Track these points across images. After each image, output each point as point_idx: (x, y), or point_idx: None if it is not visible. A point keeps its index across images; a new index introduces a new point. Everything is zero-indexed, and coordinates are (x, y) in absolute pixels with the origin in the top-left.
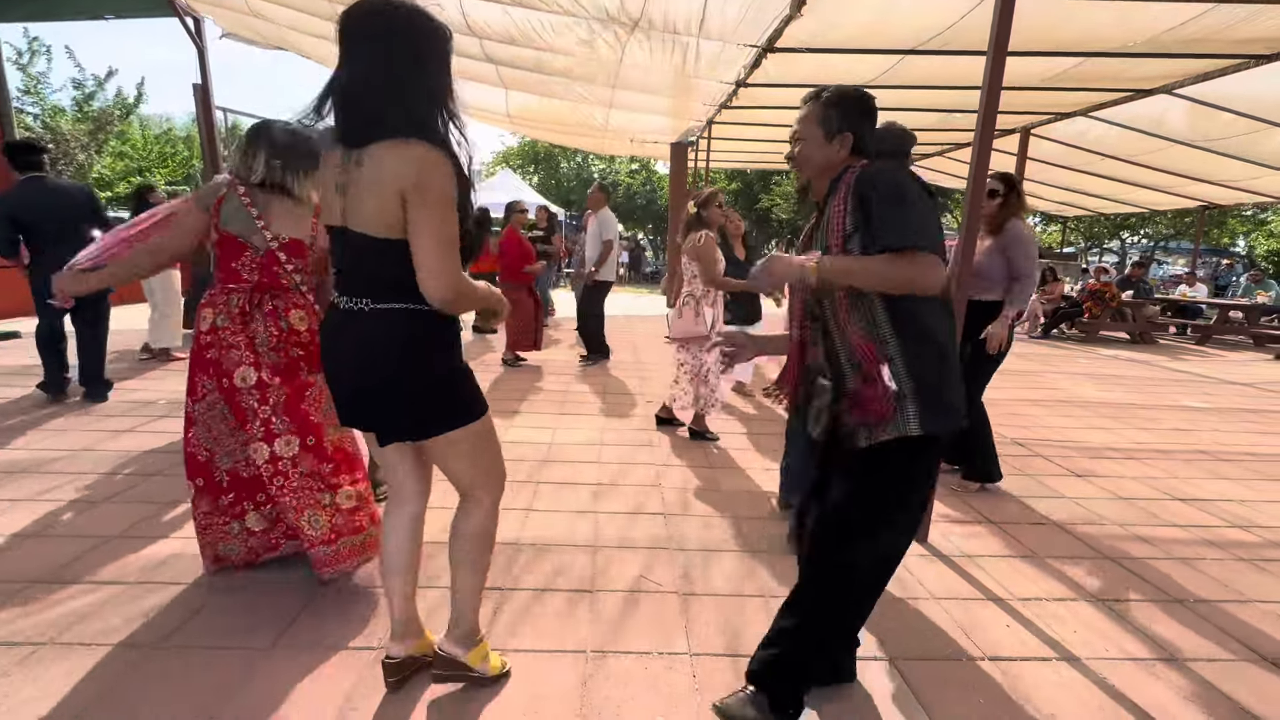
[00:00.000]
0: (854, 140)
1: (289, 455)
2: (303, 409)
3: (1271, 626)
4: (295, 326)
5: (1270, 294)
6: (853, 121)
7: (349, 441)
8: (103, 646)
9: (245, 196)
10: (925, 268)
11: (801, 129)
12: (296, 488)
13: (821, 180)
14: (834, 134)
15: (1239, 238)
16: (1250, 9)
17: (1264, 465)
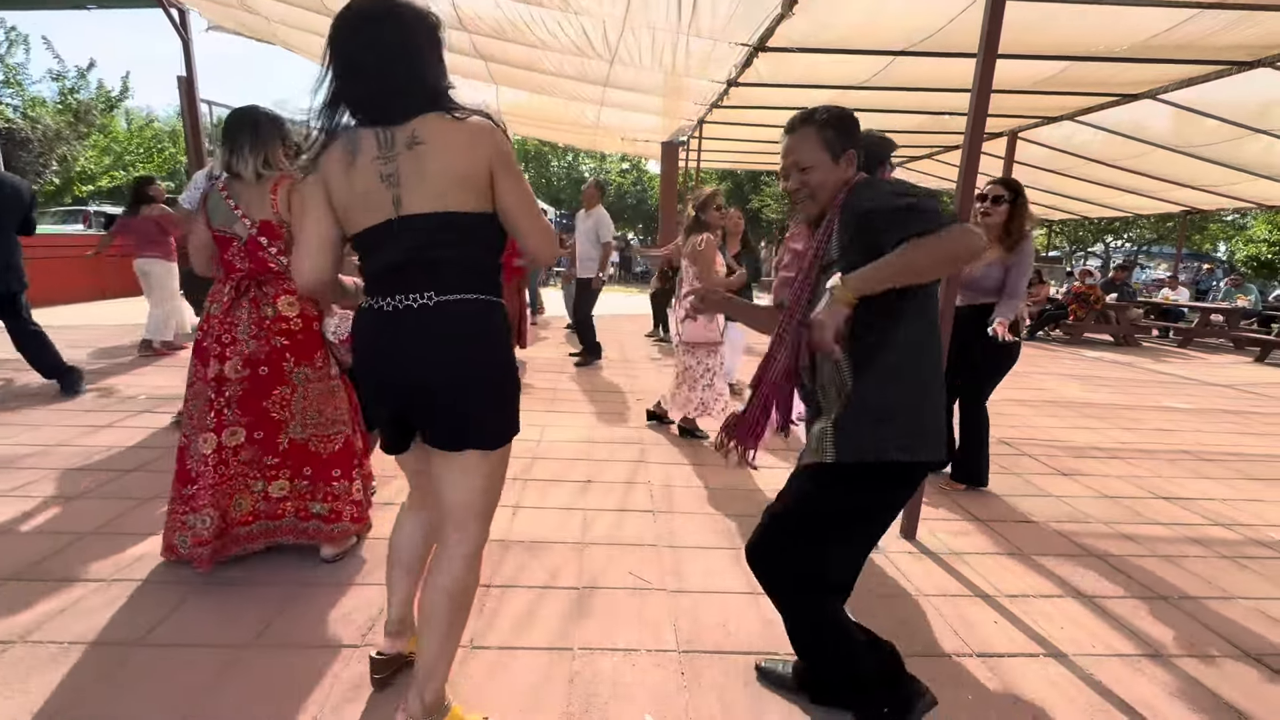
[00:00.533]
0: (857, 156)
1: (232, 445)
2: (262, 405)
3: (1253, 623)
4: (283, 312)
5: (1250, 298)
6: (852, 138)
7: (320, 442)
8: (77, 645)
9: (224, 189)
10: (966, 234)
11: (804, 157)
12: (232, 475)
13: (831, 203)
14: (839, 154)
15: (1220, 243)
16: (1232, 16)
17: (1245, 465)
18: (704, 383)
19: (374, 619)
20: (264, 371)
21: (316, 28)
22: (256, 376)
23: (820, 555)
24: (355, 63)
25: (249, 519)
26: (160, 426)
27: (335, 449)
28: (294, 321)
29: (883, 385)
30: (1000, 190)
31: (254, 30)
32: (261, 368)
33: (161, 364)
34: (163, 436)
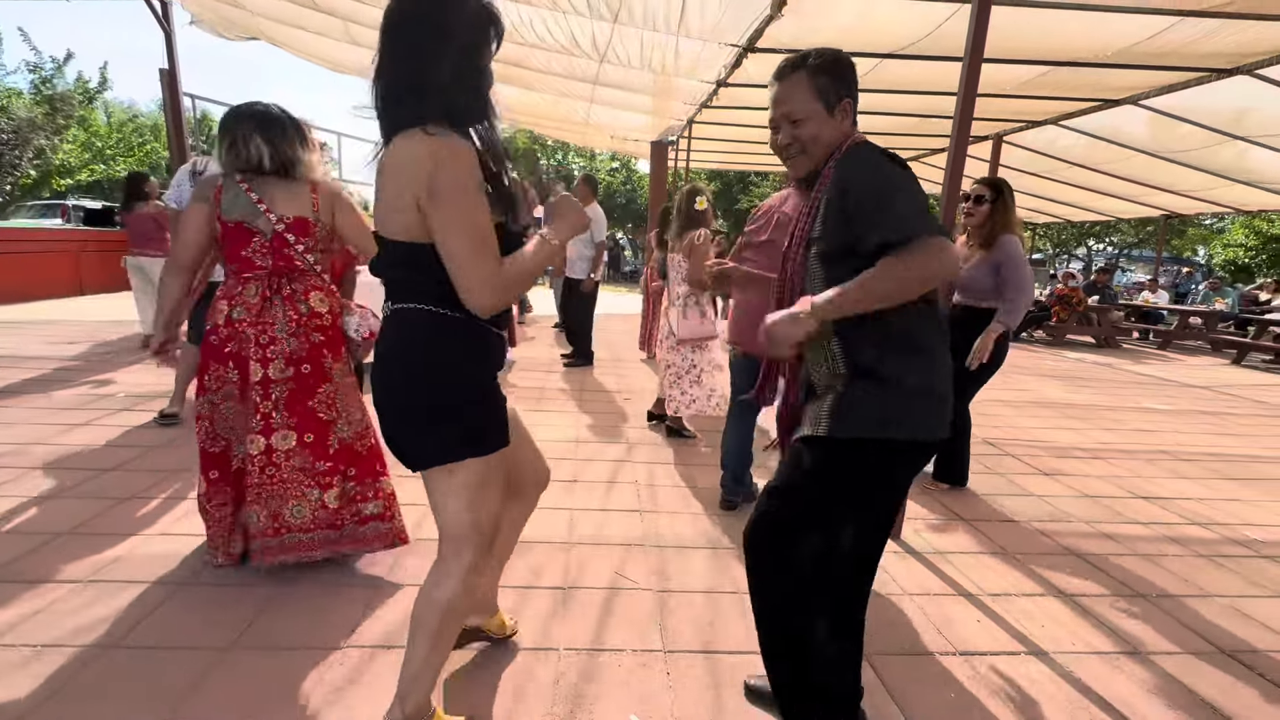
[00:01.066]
0: (852, 106)
1: (283, 449)
2: (309, 405)
3: (1229, 620)
4: (316, 309)
5: (1227, 301)
6: (849, 85)
7: (360, 440)
8: (52, 648)
9: (244, 183)
10: (937, 253)
11: (795, 108)
12: (285, 479)
13: (826, 162)
14: (834, 105)
15: (1199, 247)
16: (1213, 24)
17: (1221, 465)
18: (690, 378)
19: (358, 620)
20: (307, 370)
21: (299, 21)
22: (301, 375)
23: (824, 542)
24: (376, 74)
25: (310, 526)
26: (139, 425)
27: (372, 444)
28: (325, 317)
29: (882, 354)
30: (983, 190)
31: (235, 27)
32: (305, 365)
33: (144, 361)
34: (141, 435)
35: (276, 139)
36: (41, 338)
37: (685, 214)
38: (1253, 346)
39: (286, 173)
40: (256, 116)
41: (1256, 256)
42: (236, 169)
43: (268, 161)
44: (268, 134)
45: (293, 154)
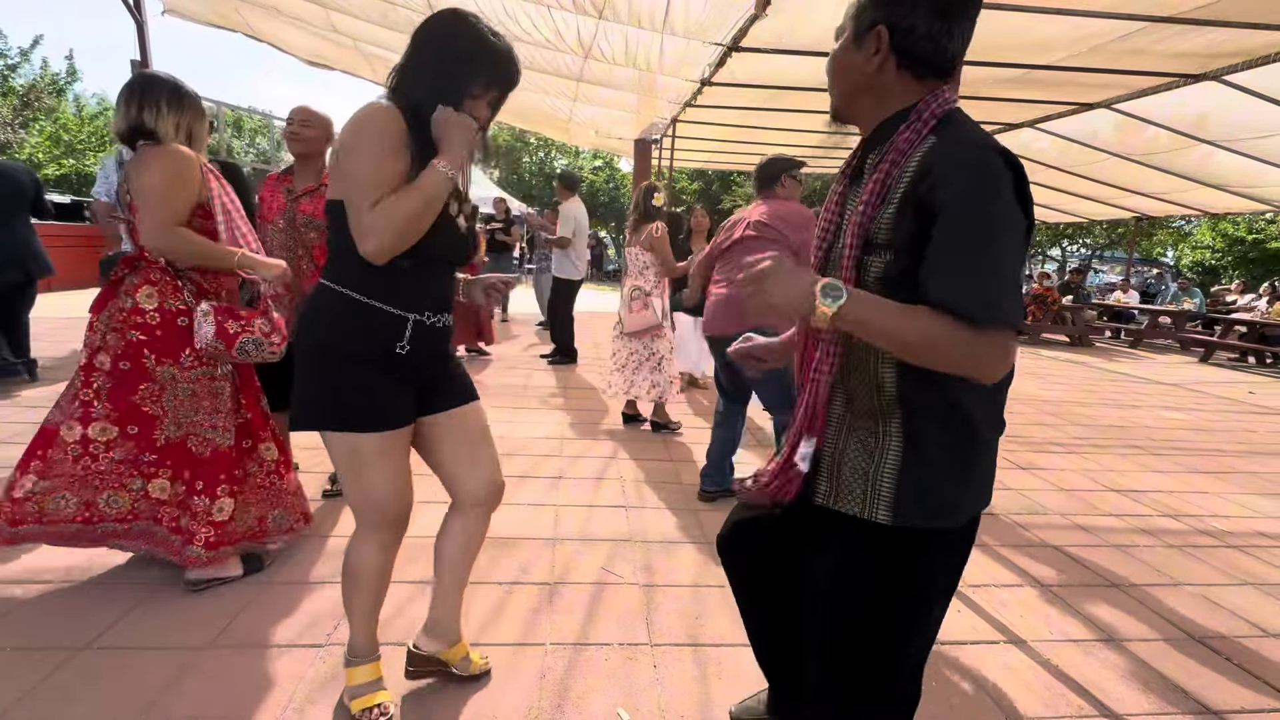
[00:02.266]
0: (890, 39)
1: (103, 440)
2: (131, 400)
3: (1198, 607)
4: (140, 304)
5: (1195, 301)
6: (890, 7)
7: (199, 444)
8: (22, 650)
9: (124, 167)
10: (994, 356)
11: (842, 23)
12: (103, 471)
13: (855, 108)
14: (864, 31)
15: (1168, 248)
16: (1181, 29)
17: (1190, 459)
18: (650, 365)
19: (339, 618)
20: (125, 367)
21: (280, 7)
22: (119, 371)
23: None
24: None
25: (128, 517)
26: None
27: (206, 454)
28: (151, 315)
29: (952, 411)
30: None
31: (213, 12)
32: (123, 362)
33: None
34: None
35: (144, 102)
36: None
37: (642, 209)
38: (1219, 345)
39: (145, 135)
40: (132, 80)
41: (1223, 258)
42: (120, 140)
43: (121, 123)
44: (126, 95)
45: (144, 112)
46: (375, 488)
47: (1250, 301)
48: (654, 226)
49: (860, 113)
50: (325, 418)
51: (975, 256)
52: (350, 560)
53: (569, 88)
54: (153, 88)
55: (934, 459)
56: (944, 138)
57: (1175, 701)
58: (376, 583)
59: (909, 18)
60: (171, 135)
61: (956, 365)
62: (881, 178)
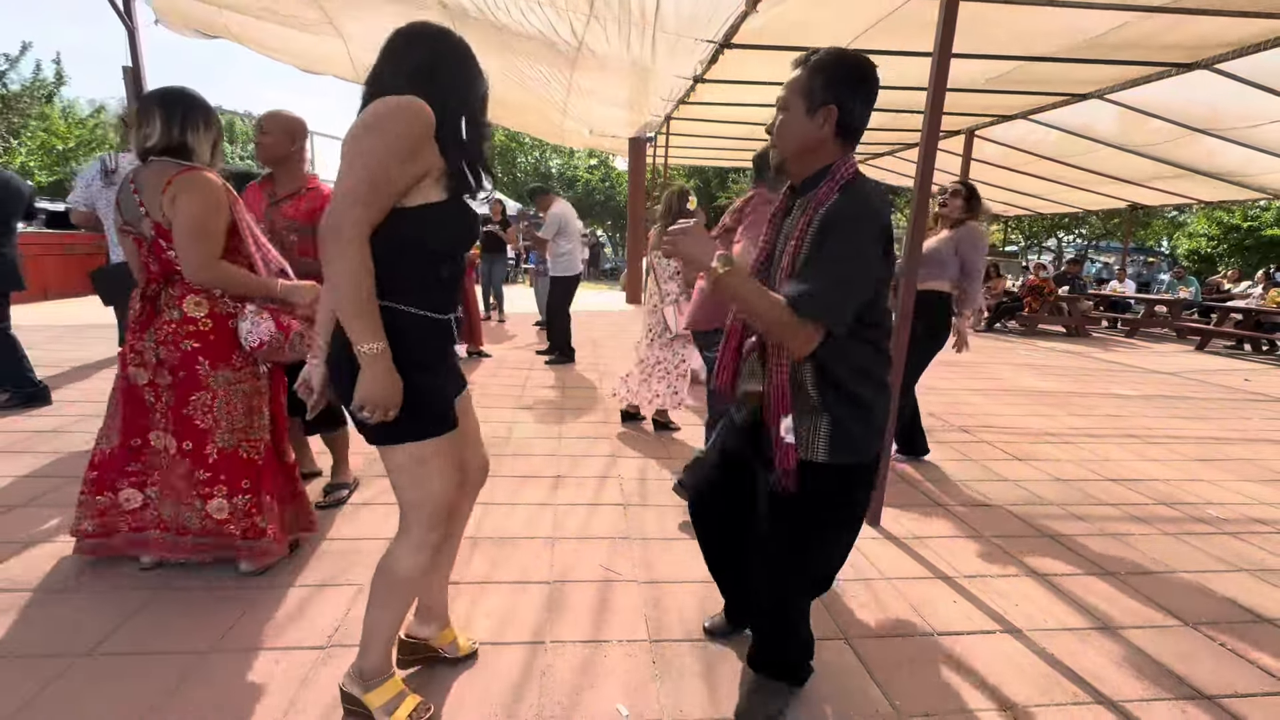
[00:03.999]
0: (838, 116)
1: (170, 450)
2: (184, 413)
3: (1192, 594)
4: (189, 314)
5: (1190, 290)
6: (839, 92)
7: (251, 448)
8: (22, 658)
9: (133, 183)
10: (802, 339)
11: (785, 97)
12: (174, 485)
13: (800, 165)
14: (816, 107)
15: (1163, 238)
16: (1172, 19)
17: (1185, 447)
18: (678, 373)
19: (340, 620)
20: (182, 376)
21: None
22: (177, 382)
23: (820, 560)
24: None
25: (196, 532)
26: None
27: (259, 459)
28: (203, 322)
29: (860, 385)
30: (959, 187)
31: (201, 23)
32: (180, 372)
33: (107, 369)
34: None
35: (187, 123)
36: None
37: (676, 212)
38: (1215, 333)
39: (181, 153)
40: (159, 93)
41: (1218, 246)
42: (140, 153)
43: (156, 139)
44: (166, 110)
45: (187, 132)
46: (442, 487)
47: (1246, 289)
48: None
49: (801, 166)
50: (405, 432)
51: (819, 276)
52: (401, 572)
53: (561, 86)
54: (194, 108)
55: (845, 418)
56: (845, 197)
57: (1170, 687)
58: (420, 590)
59: (849, 102)
60: (206, 156)
61: (779, 338)
62: (805, 222)
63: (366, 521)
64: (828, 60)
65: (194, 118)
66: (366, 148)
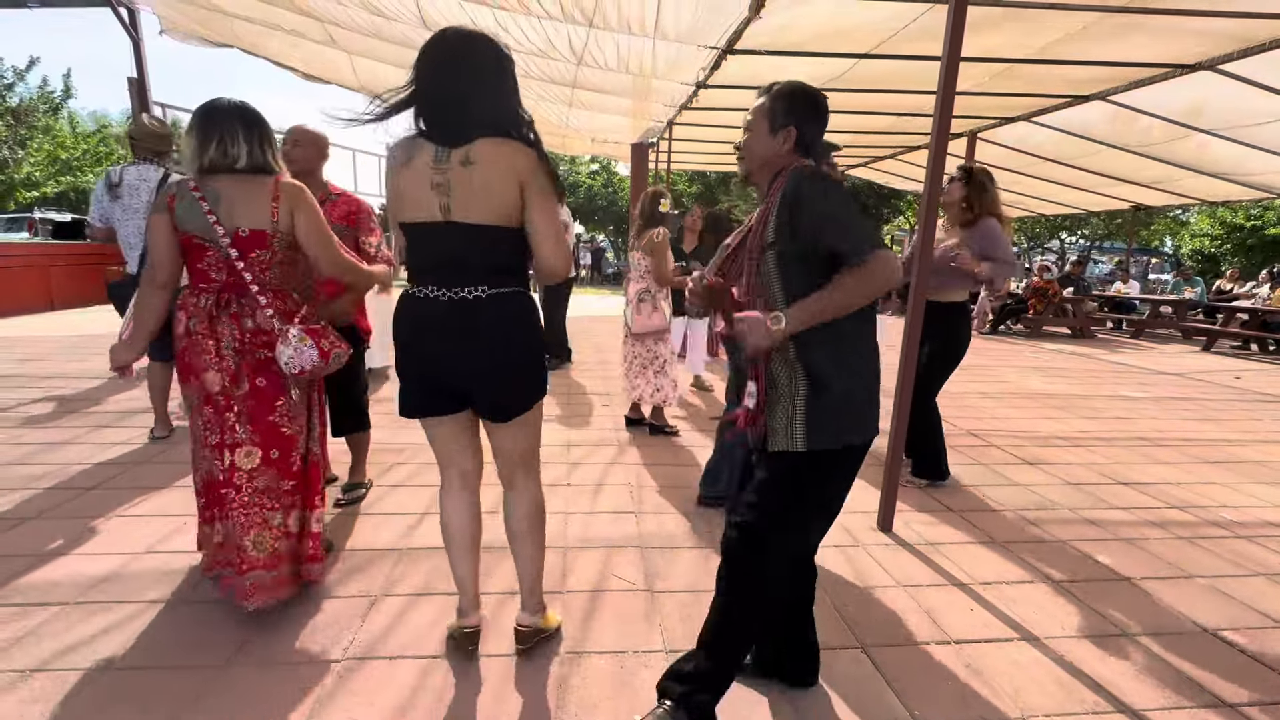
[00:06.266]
0: (796, 135)
1: (247, 468)
2: (270, 420)
3: (1210, 600)
4: (261, 326)
5: (1196, 290)
6: (798, 117)
7: (313, 458)
8: (42, 672)
9: (197, 191)
10: (891, 267)
11: (751, 120)
12: (247, 503)
13: (762, 175)
14: (778, 128)
15: (1166, 238)
16: (1177, 20)
17: (1196, 449)
18: (654, 369)
19: (355, 631)
20: (262, 384)
21: (278, 21)
22: (256, 389)
23: (800, 533)
24: (439, 92)
25: (271, 562)
26: (118, 441)
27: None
28: (274, 335)
29: (838, 374)
30: (951, 172)
31: (210, 32)
32: (259, 379)
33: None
34: (122, 452)
35: (257, 136)
36: (12, 355)
37: (648, 215)
38: (1221, 333)
39: (260, 171)
40: (239, 111)
41: (1222, 246)
42: (206, 169)
43: (244, 160)
44: (249, 131)
45: (265, 154)
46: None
47: (1251, 288)
48: (655, 232)
49: (763, 176)
50: (541, 392)
51: (843, 231)
52: (537, 504)
53: (564, 94)
54: (263, 124)
55: (829, 405)
56: (796, 173)
57: (1190, 695)
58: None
59: (805, 124)
60: (283, 167)
61: (869, 291)
62: (766, 209)
63: (381, 533)
64: (787, 90)
65: (269, 135)
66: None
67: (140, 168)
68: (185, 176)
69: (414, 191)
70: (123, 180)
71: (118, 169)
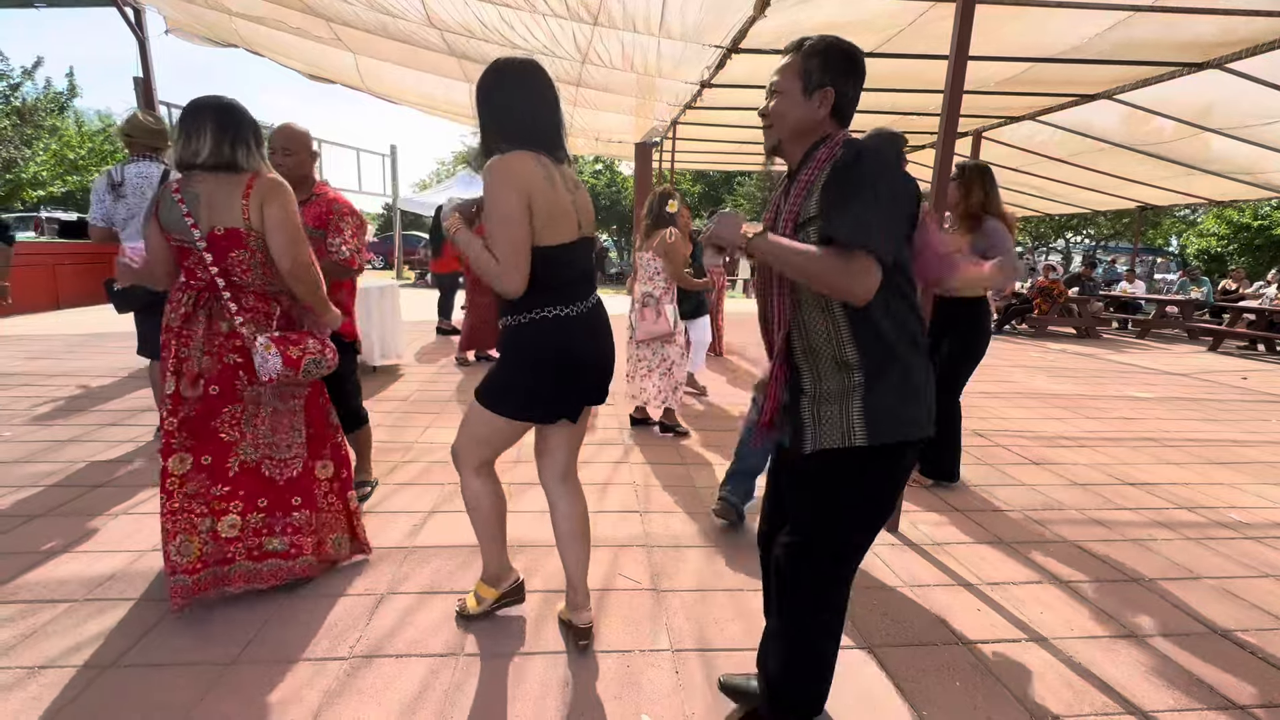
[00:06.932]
0: (835, 98)
1: (179, 473)
2: (211, 425)
3: (1219, 600)
4: (238, 329)
5: (1203, 290)
6: (835, 76)
7: (275, 466)
8: (49, 669)
9: (177, 192)
10: (858, 274)
11: (779, 81)
12: (176, 509)
13: (794, 144)
14: (813, 89)
15: (1172, 237)
16: (1183, 17)
17: (1204, 449)
18: (660, 370)
19: (362, 629)
20: (215, 391)
21: (279, 19)
22: (208, 396)
23: (851, 552)
24: (549, 107)
25: (196, 567)
26: (125, 439)
27: (294, 474)
28: (250, 340)
29: (891, 360)
30: (955, 169)
31: (213, 30)
32: (213, 387)
33: (124, 377)
34: (128, 450)
35: (230, 135)
36: (21, 353)
37: (656, 215)
38: (1228, 334)
39: (233, 169)
40: (213, 108)
41: (1228, 246)
42: (182, 165)
43: (205, 156)
44: (221, 128)
45: (244, 152)
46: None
47: (1258, 288)
48: (667, 233)
49: (796, 146)
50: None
51: (850, 200)
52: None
53: (568, 93)
54: (240, 123)
55: (887, 393)
56: (848, 147)
57: (1200, 697)
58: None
59: (844, 86)
60: (259, 164)
61: (832, 285)
62: (808, 178)
63: (387, 531)
64: (821, 46)
65: (244, 134)
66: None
67: (139, 165)
68: (175, 176)
69: (561, 211)
70: (125, 179)
71: (119, 168)
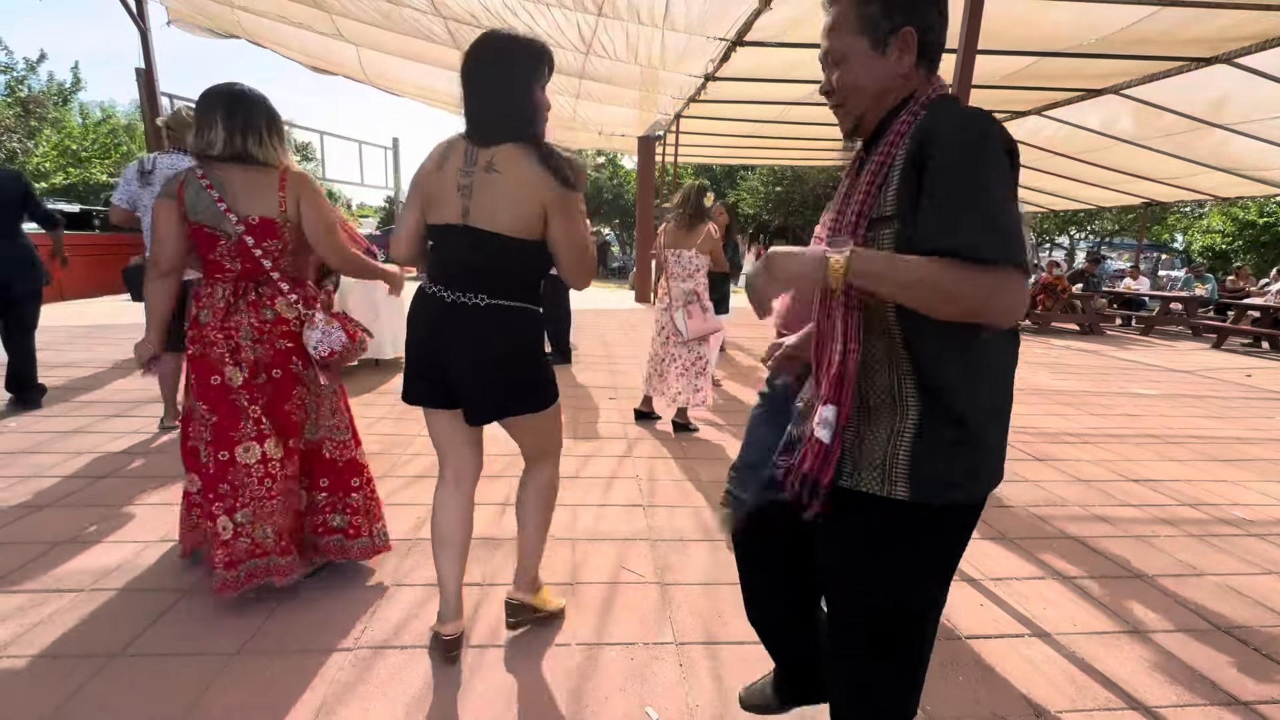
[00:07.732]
0: (919, 40)
1: (278, 457)
2: (284, 409)
3: (1222, 597)
4: (282, 314)
5: (1207, 287)
6: (910, 9)
7: (335, 448)
8: (56, 658)
9: (204, 179)
10: (1008, 293)
11: (835, 44)
12: (283, 491)
13: (878, 111)
14: (885, 37)
15: (1177, 234)
16: (1193, 12)
17: (1207, 446)
18: (695, 370)
19: (364, 621)
20: (278, 375)
21: (281, 12)
22: (273, 381)
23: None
24: (471, 88)
25: (289, 548)
26: (130, 430)
27: (351, 457)
28: (294, 324)
29: (969, 385)
30: None
31: (216, 22)
32: (275, 370)
33: (127, 367)
34: (134, 441)
35: (240, 121)
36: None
37: (695, 208)
38: (1232, 331)
39: (249, 160)
40: (224, 96)
41: (1234, 243)
42: (199, 154)
43: (220, 147)
44: (231, 115)
45: (255, 140)
46: (561, 427)
47: (1263, 285)
48: (710, 228)
49: (878, 114)
50: (552, 396)
51: (974, 205)
52: (550, 483)
53: (571, 85)
54: (250, 112)
55: (948, 441)
56: (935, 111)
57: (1203, 693)
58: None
59: (926, 17)
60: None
61: (968, 308)
62: (881, 159)
63: (394, 524)
64: None
65: (255, 121)
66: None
67: (173, 157)
68: (193, 165)
69: (442, 192)
70: (156, 168)
71: (151, 157)
